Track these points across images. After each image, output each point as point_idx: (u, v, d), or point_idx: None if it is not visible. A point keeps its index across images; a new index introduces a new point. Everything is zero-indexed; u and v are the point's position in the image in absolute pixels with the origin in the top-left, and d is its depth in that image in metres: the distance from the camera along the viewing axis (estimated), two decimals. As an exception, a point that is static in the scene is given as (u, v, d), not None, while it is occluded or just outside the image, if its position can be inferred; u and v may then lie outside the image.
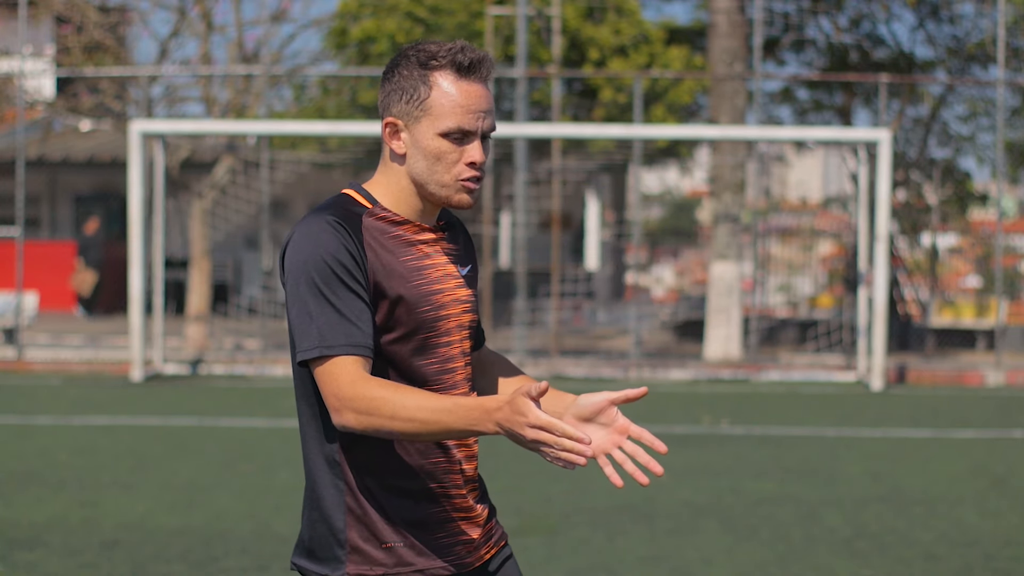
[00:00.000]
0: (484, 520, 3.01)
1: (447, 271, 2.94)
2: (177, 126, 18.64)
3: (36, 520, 8.04)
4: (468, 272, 3.00)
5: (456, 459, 2.94)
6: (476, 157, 2.87)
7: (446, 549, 2.93)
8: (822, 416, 14.34)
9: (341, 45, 23.69)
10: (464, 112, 2.86)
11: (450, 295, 2.93)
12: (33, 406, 14.23)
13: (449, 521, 2.94)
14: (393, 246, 2.89)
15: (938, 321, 24.83)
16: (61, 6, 21.49)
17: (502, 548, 3.08)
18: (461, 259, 3.01)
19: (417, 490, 2.90)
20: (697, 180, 45.11)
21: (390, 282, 2.86)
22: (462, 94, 2.86)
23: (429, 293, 2.90)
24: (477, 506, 3.00)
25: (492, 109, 2.90)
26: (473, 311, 2.98)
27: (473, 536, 2.98)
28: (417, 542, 2.90)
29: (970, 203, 27.05)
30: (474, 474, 2.99)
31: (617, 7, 23.52)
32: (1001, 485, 9.90)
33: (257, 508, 8.52)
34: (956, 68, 24.86)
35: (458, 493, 2.95)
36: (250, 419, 13.35)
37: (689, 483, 9.66)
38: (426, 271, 2.91)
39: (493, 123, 2.91)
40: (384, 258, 2.87)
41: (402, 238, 2.91)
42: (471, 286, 2.99)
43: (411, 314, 2.87)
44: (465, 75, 2.86)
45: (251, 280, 27.99)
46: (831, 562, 7.29)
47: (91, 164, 28.18)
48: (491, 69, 2.90)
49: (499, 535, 3.08)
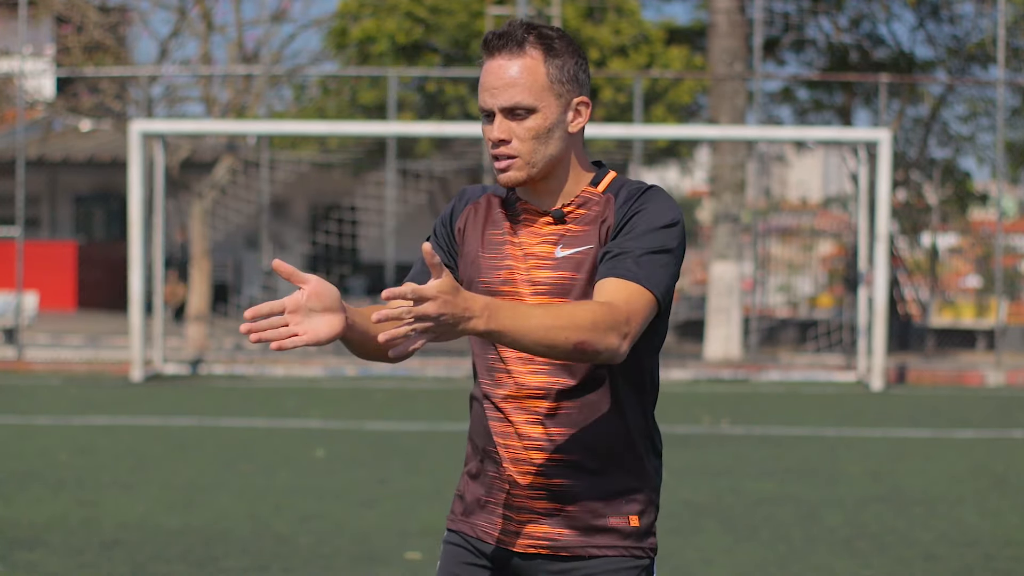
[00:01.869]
0: (534, 508, 2.91)
1: (532, 251, 2.90)
2: (177, 126, 18.64)
3: (36, 520, 8.04)
4: (573, 253, 2.87)
5: (512, 422, 2.91)
6: (491, 135, 2.84)
7: (483, 515, 2.96)
8: (822, 416, 14.34)
9: (341, 45, 23.69)
10: (482, 92, 2.85)
11: (521, 275, 2.90)
12: (33, 406, 14.23)
13: (493, 489, 2.95)
14: (489, 222, 2.96)
15: (938, 321, 24.85)
16: (61, 6, 21.49)
17: (546, 556, 2.92)
18: (569, 242, 2.88)
19: (480, 448, 2.97)
20: (697, 180, 45.11)
21: (465, 252, 2.97)
22: (484, 74, 2.84)
23: (491, 268, 2.92)
24: (525, 488, 2.90)
25: (513, 83, 2.81)
26: (551, 294, 2.87)
27: (511, 515, 2.92)
28: (470, 498, 2.99)
29: (970, 203, 27.07)
30: (530, 455, 2.89)
31: (617, 7, 23.52)
32: (1001, 485, 9.90)
33: (257, 508, 8.51)
34: (956, 68, 24.87)
35: (511, 460, 2.91)
36: (250, 419, 13.35)
37: (689, 483, 9.65)
38: (505, 247, 2.92)
39: (515, 98, 2.81)
40: (471, 232, 2.98)
41: (509, 214, 2.95)
42: (565, 268, 2.87)
43: (472, 285, 2.93)
44: (490, 55, 2.84)
45: (251, 280, 27.98)
46: (831, 562, 7.28)
47: (91, 164, 28.19)
48: (515, 42, 2.81)
49: (551, 540, 2.91)
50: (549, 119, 2.83)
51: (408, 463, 10.42)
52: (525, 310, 2.62)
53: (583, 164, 2.93)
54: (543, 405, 2.87)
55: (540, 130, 2.82)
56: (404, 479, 9.67)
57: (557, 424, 2.87)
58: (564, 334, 2.63)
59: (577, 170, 2.92)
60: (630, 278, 2.76)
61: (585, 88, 2.88)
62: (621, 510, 2.90)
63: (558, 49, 2.83)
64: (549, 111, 2.83)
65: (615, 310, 2.70)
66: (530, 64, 2.81)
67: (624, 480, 2.91)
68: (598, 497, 2.89)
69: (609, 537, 2.89)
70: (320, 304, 2.61)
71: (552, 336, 2.62)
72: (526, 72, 2.81)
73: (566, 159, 2.89)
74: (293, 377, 18.25)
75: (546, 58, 2.82)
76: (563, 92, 2.84)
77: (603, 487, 2.89)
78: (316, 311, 2.62)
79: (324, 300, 2.62)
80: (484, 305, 2.56)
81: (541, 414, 2.88)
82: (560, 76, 2.83)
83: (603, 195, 2.91)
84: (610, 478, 2.90)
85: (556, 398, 2.87)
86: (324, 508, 8.52)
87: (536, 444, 2.88)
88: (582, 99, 2.88)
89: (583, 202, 2.90)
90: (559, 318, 2.63)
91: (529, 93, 2.81)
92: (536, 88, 2.81)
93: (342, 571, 6.91)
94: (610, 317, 2.69)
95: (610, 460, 2.90)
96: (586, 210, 2.90)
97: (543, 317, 2.62)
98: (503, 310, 2.58)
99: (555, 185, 2.90)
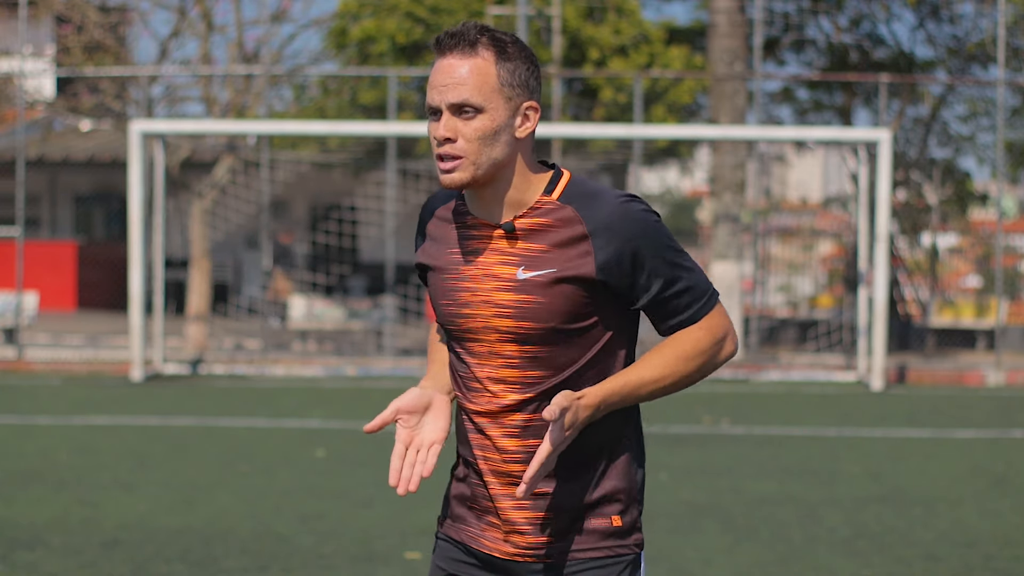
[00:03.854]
0: (516, 520, 2.91)
1: (491, 272, 2.86)
2: (177, 126, 18.64)
3: (36, 520, 8.04)
4: (534, 276, 2.82)
5: (489, 436, 2.92)
6: (436, 132, 2.80)
7: (470, 520, 2.98)
8: (822, 416, 14.34)
9: (341, 45, 23.70)
10: (430, 89, 2.82)
11: (482, 296, 2.87)
12: (33, 406, 14.23)
13: (478, 497, 2.96)
14: (448, 238, 2.93)
15: (938, 321, 24.82)
16: (61, 6, 21.48)
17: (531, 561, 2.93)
18: (530, 263, 2.83)
19: (463, 454, 2.99)
20: (697, 180, 45.09)
21: (431, 272, 2.96)
22: (433, 71, 2.82)
23: (451, 290, 2.90)
24: (506, 499, 2.91)
25: (462, 81, 2.77)
26: (515, 318, 2.83)
27: (496, 522, 2.93)
28: (456, 501, 3.02)
29: (970, 203, 27.06)
30: (508, 468, 2.89)
31: (617, 7, 23.52)
32: (1001, 485, 9.90)
33: (257, 508, 8.51)
34: (956, 68, 24.86)
35: (492, 472, 2.92)
36: (250, 419, 13.35)
37: (689, 483, 9.65)
38: (461, 267, 2.89)
39: (462, 95, 2.77)
40: (432, 248, 2.96)
41: (460, 231, 2.91)
42: (528, 292, 2.82)
43: (436, 305, 2.94)
44: (441, 53, 2.81)
45: (251, 280, 27.98)
46: (831, 562, 7.28)
47: (91, 164, 28.18)
48: (467, 42, 2.79)
49: (535, 549, 2.91)
50: (496, 121, 2.79)
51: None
52: (638, 381, 2.83)
53: (532, 168, 2.87)
54: (519, 418, 2.87)
55: (487, 131, 2.78)
56: (404, 479, 9.65)
57: (534, 435, 2.86)
58: (678, 386, 2.90)
59: (526, 176, 2.86)
60: (696, 317, 2.91)
61: (536, 94, 2.85)
62: (603, 511, 2.91)
63: (510, 53, 2.81)
64: (497, 113, 2.79)
65: (712, 330, 2.90)
66: (481, 64, 2.79)
67: (604, 483, 2.91)
68: (579, 502, 2.89)
69: (592, 539, 2.90)
70: (417, 415, 2.82)
71: (669, 390, 2.88)
72: (476, 72, 2.78)
73: (511, 164, 2.84)
74: (293, 377, 18.24)
75: (497, 60, 2.80)
76: (512, 96, 2.81)
77: (583, 493, 2.89)
78: (420, 422, 2.81)
79: (416, 408, 2.83)
80: (596, 407, 2.77)
81: (518, 427, 2.88)
82: (511, 80, 2.80)
83: (559, 204, 2.84)
84: (590, 483, 2.90)
85: (531, 411, 2.87)
86: (324, 508, 8.52)
87: (514, 457, 2.88)
88: (531, 103, 2.84)
89: (536, 211, 2.85)
90: (670, 375, 2.86)
91: (478, 92, 2.78)
92: (486, 89, 2.78)
93: (342, 571, 6.91)
94: (711, 336, 2.90)
95: (589, 466, 2.90)
96: (541, 219, 2.84)
97: (656, 382, 2.85)
98: (614, 396, 2.80)
99: (501, 193, 2.85)
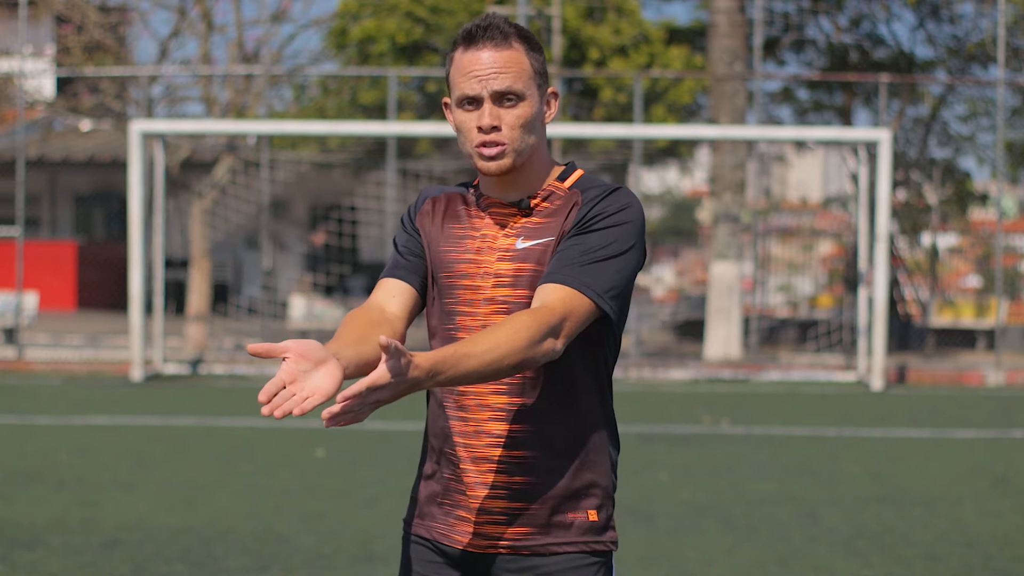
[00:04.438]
0: (492, 509, 2.92)
1: (494, 244, 2.95)
2: (177, 126, 18.64)
3: (36, 520, 8.04)
4: (533, 245, 2.93)
5: (475, 420, 2.93)
6: (481, 121, 2.89)
7: (439, 517, 2.99)
8: (822, 416, 14.34)
9: (341, 45, 23.70)
10: (468, 78, 2.89)
11: (485, 268, 2.94)
12: (33, 406, 14.23)
13: (450, 491, 2.97)
14: (450, 217, 3.02)
15: (938, 321, 24.84)
16: (61, 6, 21.49)
17: (506, 554, 2.93)
18: (530, 233, 2.94)
19: (437, 449, 3.00)
20: (697, 180, 45.10)
21: (430, 249, 3.02)
22: (466, 62, 2.90)
23: (452, 262, 2.97)
24: (484, 488, 2.92)
25: (503, 70, 2.89)
26: (512, 286, 2.92)
27: (467, 516, 2.94)
28: (424, 499, 3.02)
29: (970, 203, 27.07)
30: (491, 453, 2.92)
31: (617, 7, 23.53)
32: (1001, 485, 9.90)
33: (257, 508, 8.51)
34: (956, 68, 24.87)
35: (472, 459, 2.93)
36: (250, 419, 13.35)
37: (689, 483, 9.65)
38: (466, 241, 2.97)
39: (507, 83, 2.88)
40: (430, 227, 3.03)
41: (465, 211, 3.02)
42: (525, 260, 2.92)
43: (436, 279, 3.00)
44: (470, 45, 2.91)
45: (251, 280, 27.99)
46: (831, 562, 7.28)
47: (91, 164, 28.19)
48: (501, 34, 2.90)
49: (510, 540, 2.93)
50: (534, 108, 2.93)
51: (408, 463, 10.41)
52: (466, 351, 2.68)
53: (548, 157, 3.03)
54: (503, 401, 2.91)
55: (527, 118, 2.91)
56: (404, 479, 9.66)
57: (518, 421, 2.91)
58: (506, 361, 2.72)
59: (545, 162, 3.00)
60: (572, 284, 2.84)
61: (549, 82, 3.03)
62: (580, 505, 2.94)
63: (535, 44, 2.96)
64: (534, 100, 2.93)
65: (550, 314, 2.80)
66: (516, 55, 2.91)
67: (583, 475, 2.94)
68: (557, 494, 2.92)
69: (568, 533, 2.93)
70: (309, 362, 2.63)
71: (495, 367, 2.72)
72: (515, 62, 2.91)
73: (541, 150, 2.98)
74: (293, 377, 18.21)
75: (528, 51, 2.93)
76: (542, 84, 2.96)
77: (563, 483, 2.93)
78: (310, 370, 2.64)
79: (311, 357, 2.63)
80: (427, 370, 2.61)
81: (504, 409, 2.91)
82: (540, 68, 2.95)
83: (569, 191, 2.98)
84: (570, 474, 2.93)
85: (517, 394, 2.91)
86: (324, 508, 8.52)
87: (498, 441, 2.91)
88: (553, 89, 3.01)
89: (548, 195, 2.98)
90: (498, 347, 2.71)
91: (520, 80, 2.91)
92: (524, 77, 2.92)
93: (342, 571, 6.91)
94: (545, 324, 2.78)
95: (570, 456, 2.93)
96: (550, 203, 2.97)
97: (483, 354, 2.70)
98: (445, 364, 2.64)
99: (524, 175, 2.97)
